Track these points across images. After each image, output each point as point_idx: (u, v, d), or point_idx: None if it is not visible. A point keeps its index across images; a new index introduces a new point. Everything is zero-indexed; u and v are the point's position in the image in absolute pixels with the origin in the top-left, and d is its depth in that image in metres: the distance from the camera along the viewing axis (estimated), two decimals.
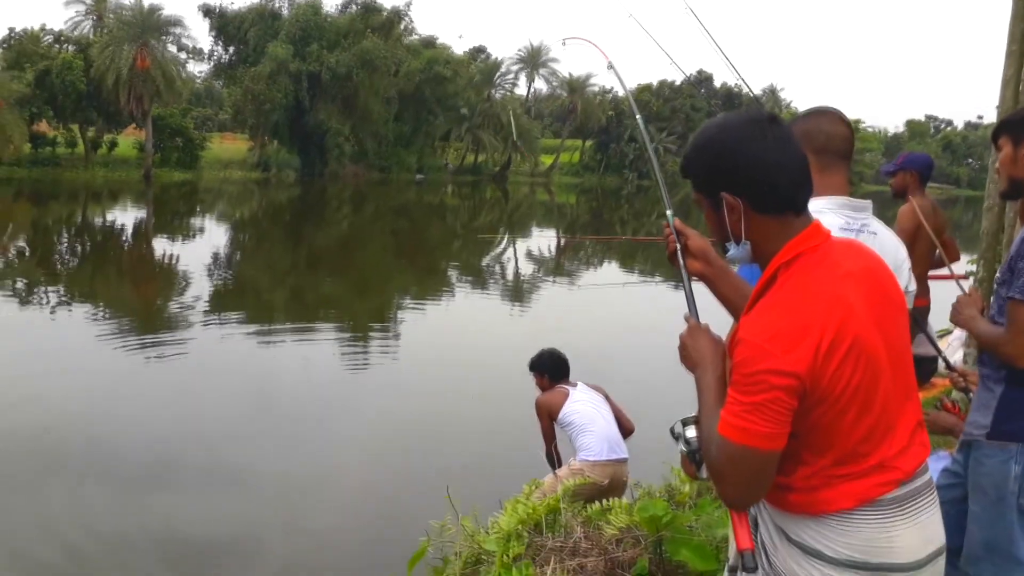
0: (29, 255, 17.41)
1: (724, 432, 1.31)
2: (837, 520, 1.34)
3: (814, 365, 1.27)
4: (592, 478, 4.06)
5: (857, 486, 1.34)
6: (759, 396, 1.27)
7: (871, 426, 1.34)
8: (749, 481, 1.32)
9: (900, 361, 1.39)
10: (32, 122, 35.51)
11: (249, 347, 9.78)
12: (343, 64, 42.19)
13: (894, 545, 1.34)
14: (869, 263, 1.43)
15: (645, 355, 8.70)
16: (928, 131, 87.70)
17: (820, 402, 1.30)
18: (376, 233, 25.35)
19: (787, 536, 1.40)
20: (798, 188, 1.39)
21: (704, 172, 1.43)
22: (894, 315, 1.41)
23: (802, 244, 1.38)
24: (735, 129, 1.40)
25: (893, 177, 4.31)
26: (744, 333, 1.32)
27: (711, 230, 1.49)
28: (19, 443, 6.15)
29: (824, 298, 1.32)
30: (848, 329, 1.30)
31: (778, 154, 1.37)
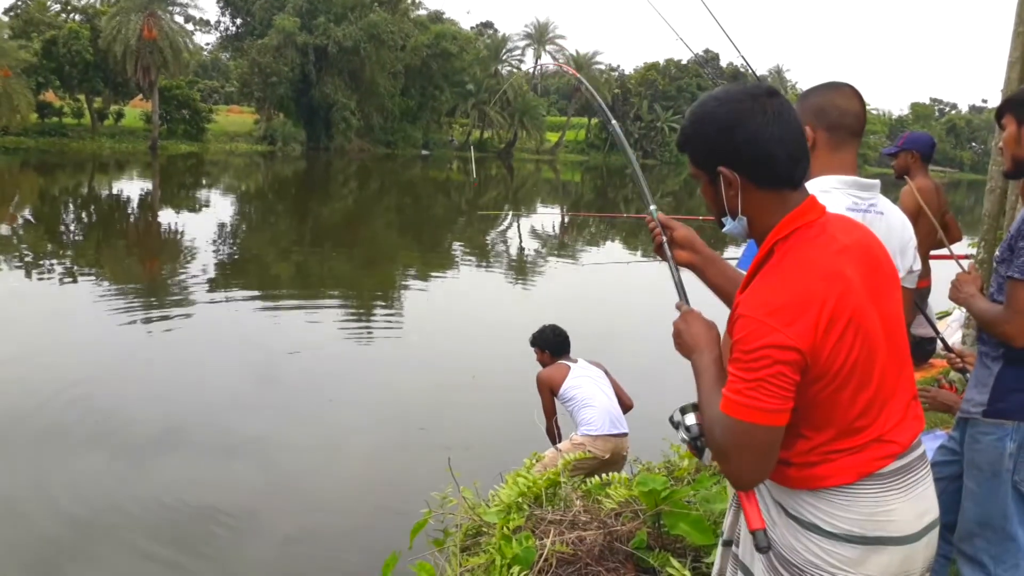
0: (36, 225, 17.47)
1: (728, 410, 1.29)
2: (836, 494, 1.34)
3: (815, 339, 1.26)
4: (594, 452, 4.14)
5: (856, 460, 1.34)
6: (762, 372, 1.26)
7: (869, 400, 1.34)
8: (755, 458, 1.31)
9: (894, 335, 1.39)
10: (39, 92, 35.58)
11: (254, 319, 9.87)
12: (350, 37, 42.04)
13: (892, 518, 1.35)
14: (862, 237, 1.42)
15: (645, 332, 8.74)
16: (932, 114, 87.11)
17: (820, 376, 1.29)
18: (381, 208, 25.40)
19: (785, 511, 1.40)
20: (796, 163, 1.37)
21: (702, 146, 1.41)
22: (888, 289, 1.41)
23: (799, 219, 1.37)
24: (734, 102, 1.37)
25: (895, 159, 4.29)
26: (743, 308, 1.31)
27: (708, 204, 1.47)
28: (25, 411, 6.19)
29: (823, 272, 1.31)
30: (846, 303, 1.30)
31: (777, 128, 1.34)
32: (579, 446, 4.16)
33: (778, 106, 1.36)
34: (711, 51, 62.62)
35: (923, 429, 1.44)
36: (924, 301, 4.19)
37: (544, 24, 59.63)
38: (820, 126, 1.98)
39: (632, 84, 62.54)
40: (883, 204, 2.03)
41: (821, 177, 1.96)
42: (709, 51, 62.16)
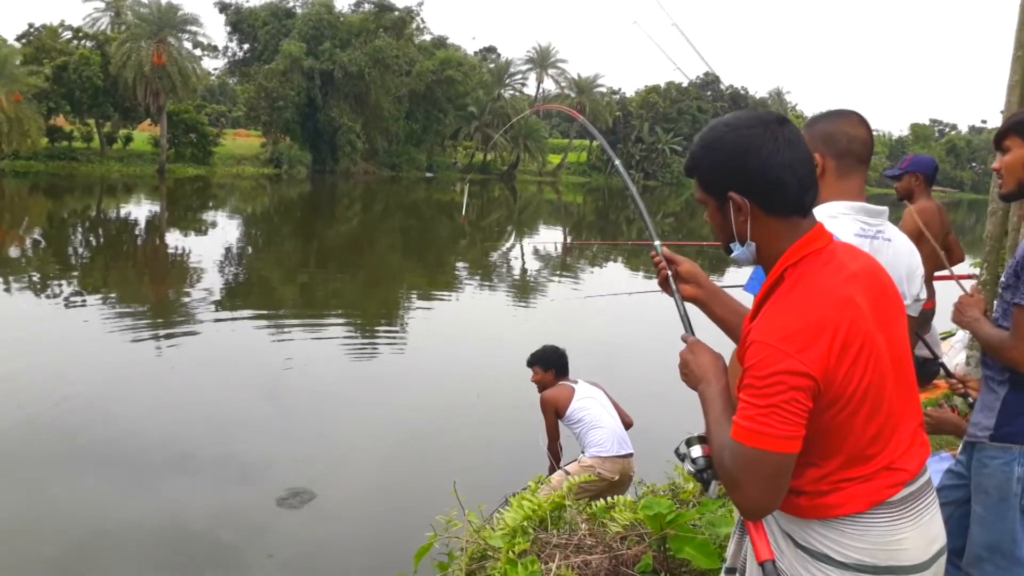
0: (45, 247, 17.66)
1: (738, 437, 1.28)
2: (848, 524, 1.33)
3: (828, 365, 1.26)
4: (603, 474, 4.14)
5: (867, 488, 1.33)
6: (776, 398, 1.24)
7: (879, 427, 1.33)
8: (766, 487, 1.28)
9: (902, 362, 1.39)
10: (49, 116, 36.02)
11: (260, 339, 9.98)
12: (355, 62, 42.60)
13: (903, 547, 1.34)
14: (868, 264, 1.43)
15: (649, 352, 8.85)
16: (932, 135, 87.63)
17: (833, 403, 1.28)
18: (386, 230, 25.60)
19: (795, 541, 1.38)
20: (806, 190, 1.37)
21: (712, 172, 1.41)
22: (894, 316, 1.41)
23: (808, 246, 1.36)
24: (745, 129, 1.37)
25: (898, 181, 4.27)
26: (756, 334, 1.30)
27: (715, 231, 1.47)
28: (33, 430, 6.27)
29: (835, 298, 1.31)
30: (858, 329, 1.30)
31: (788, 155, 1.35)
32: (589, 468, 4.14)
33: (788, 133, 1.37)
34: (711, 74, 63.29)
35: (929, 455, 1.44)
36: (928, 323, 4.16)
37: (546, 48, 60.42)
38: (829, 153, 1.98)
39: (633, 106, 63.06)
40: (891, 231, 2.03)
41: (829, 203, 1.96)
42: (709, 74, 62.81)
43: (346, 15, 46.76)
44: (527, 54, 61.27)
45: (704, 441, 1.43)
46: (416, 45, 48.91)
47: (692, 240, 25.28)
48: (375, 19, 45.38)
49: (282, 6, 47.27)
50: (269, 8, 46.66)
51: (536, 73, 61.59)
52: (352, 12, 47.61)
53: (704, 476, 1.42)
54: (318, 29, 43.97)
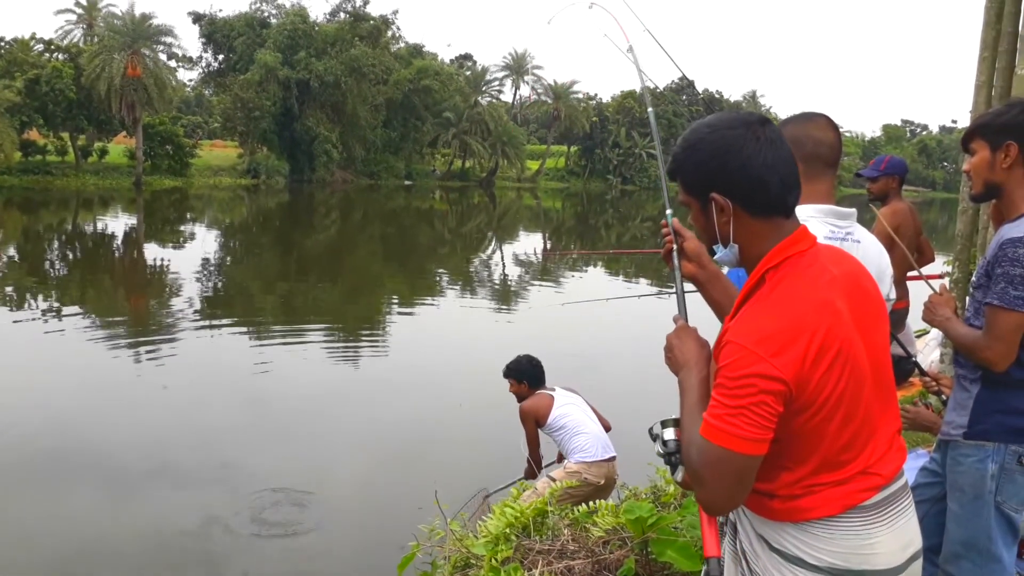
0: (20, 262, 17.47)
1: (706, 434, 1.28)
2: (820, 527, 1.33)
3: (801, 371, 1.25)
4: (589, 478, 4.16)
5: (840, 492, 1.33)
6: (745, 400, 1.24)
7: (854, 433, 1.32)
8: (729, 486, 1.29)
9: (880, 367, 1.38)
10: (22, 130, 35.62)
11: (240, 351, 9.97)
12: (331, 72, 42.57)
13: (876, 551, 1.34)
14: (852, 268, 1.41)
15: (628, 357, 9.00)
16: (904, 135, 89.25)
17: (805, 408, 1.28)
18: (365, 239, 25.61)
19: (768, 544, 1.38)
20: (788, 190, 1.37)
21: (695, 173, 1.40)
22: (875, 321, 1.40)
23: (790, 248, 1.36)
24: (726, 129, 1.36)
25: (875, 183, 4.31)
26: (732, 335, 1.30)
27: (699, 232, 1.47)
28: (15, 446, 6.27)
29: (813, 303, 1.30)
30: (835, 335, 1.29)
31: (770, 155, 1.34)
32: (575, 474, 4.15)
33: (770, 133, 1.36)
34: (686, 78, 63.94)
35: (905, 460, 1.44)
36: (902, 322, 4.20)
37: (522, 55, 60.84)
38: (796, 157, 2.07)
39: (610, 112, 63.55)
40: (859, 232, 2.05)
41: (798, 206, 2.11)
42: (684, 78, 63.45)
43: (321, 24, 46.71)
44: (503, 61, 61.83)
45: (679, 425, 1.43)
46: (392, 54, 48.97)
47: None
48: (350, 28, 45.38)
49: (256, 16, 47.12)
50: (243, 18, 46.49)
51: (512, 80, 62.00)
52: (327, 21, 47.58)
53: (672, 459, 1.44)
54: (293, 39, 43.89)
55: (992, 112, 2.18)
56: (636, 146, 61.84)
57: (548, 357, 5.02)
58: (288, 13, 45.99)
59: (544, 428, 4.50)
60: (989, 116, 2.14)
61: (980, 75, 4.39)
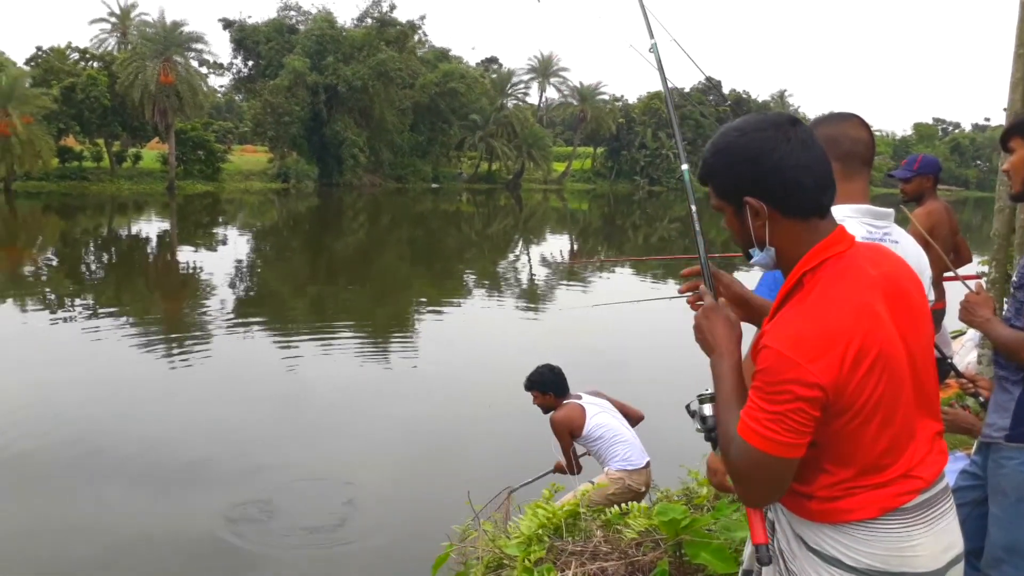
0: (58, 266, 17.90)
1: (745, 436, 1.29)
2: (858, 529, 1.32)
3: (839, 376, 1.25)
4: (632, 486, 4.12)
5: (879, 495, 1.32)
6: (782, 406, 1.25)
7: (893, 436, 1.32)
8: (769, 485, 1.32)
9: (923, 370, 1.37)
10: (59, 137, 36.45)
11: (272, 352, 10.12)
12: (359, 76, 42.95)
13: (916, 553, 1.32)
14: (895, 269, 1.40)
15: (658, 359, 8.88)
16: (936, 134, 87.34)
17: (843, 412, 1.28)
18: (393, 241, 25.78)
19: (806, 544, 1.37)
20: (823, 191, 1.35)
21: (727, 177, 1.38)
22: (918, 323, 1.38)
23: (828, 249, 1.34)
24: (755, 132, 1.35)
25: (908, 183, 4.23)
26: (768, 339, 1.29)
27: (734, 236, 1.44)
28: (49, 446, 6.42)
29: (851, 307, 1.29)
30: (874, 339, 1.28)
31: (803, 156, 1.33)
32: (617, 480, 4.12)
33: (801, 134, 1.35)
34: (713, 79, 63.49)
35: (947, 463, 1.42)
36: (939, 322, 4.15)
37: (548, 58, 60.77)
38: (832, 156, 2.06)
39: (636, 113, 63.25)
40: (897, 232, 2.02)
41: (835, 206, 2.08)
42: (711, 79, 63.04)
43: (349, 30, 47.16)
44: (529, 63, 61.70)
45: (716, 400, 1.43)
46: (419, 58, 49.28)
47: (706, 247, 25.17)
48: (377, 33, 45.76)
49: (285, 22, 47.74)
50: (272, 24, 47.12)
51: (538, 82, 61.98)
52: (355, 27, 48.02)
53: (713, 436, 1.43)
54: (321, 44, 44.37)
55: None
56: (663, 147, 61.45)
57: (576, 358, 4.97)
58: (316, 19, 46.50)
59: (580, 439, 4.41)
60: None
61: (1016, 72, 4.30)
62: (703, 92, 50.55)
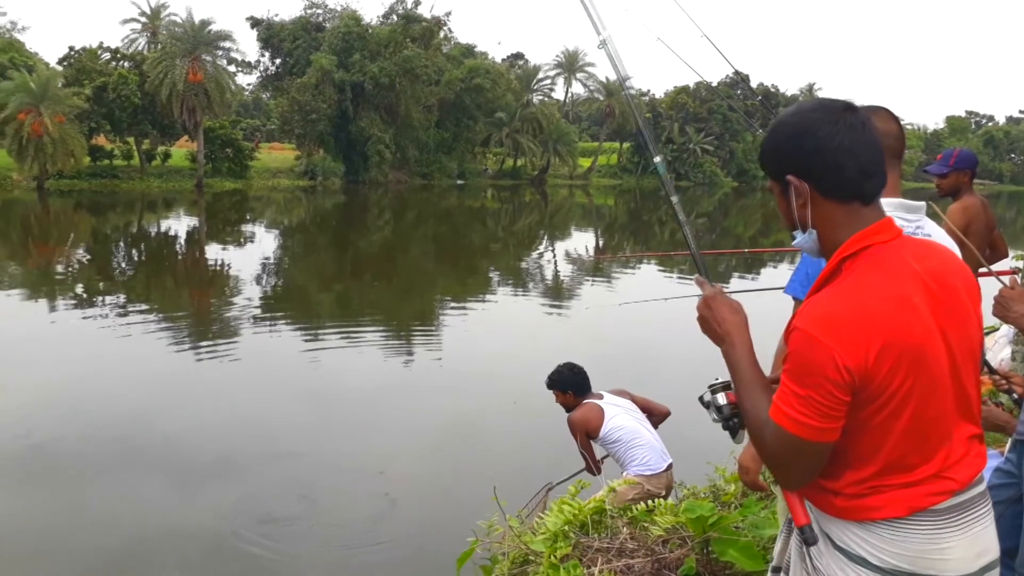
0: (89, 263, 18.21)
1: (779, 421, 1.29)
2: (885, 528, 1.30)
3: (866, 363, 1.24)
4: (651, 490, 4.05)
5: (909, 494, 1.30)
6: (812, 389, 1.25)
7: (924, 434, 1.30)
8: (805, 467, 1.32)
9: (963, 370, 1.34)
10: (91, 136, 37.00)
11: (299, 347, 10.18)
12: (385, 73, 43.08)
13: (946, 556, 1.30)
14: (942, 266, 1.37)
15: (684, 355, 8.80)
16: (969, 127, 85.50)
17: (870, 401, 1.27)
18: (419, 238, 25.85)
19: (832, 541, 1.36)
20: (867, 177, 1.34)
21: (773, 154, 1.41)
22: (963, 322, 1.35)
23: (870, 237, 1.33)
24: (807, 113, 1.37)
25: (944, 178, 4.13)
26: (799, 321, 1.29)
27: (782, 218, 1.46)
28: (85, 437, 6.52)
29: (886, 296, 1.28)
30: (908, 331, 1.27)
31: (847, 139, 1.33)
32: (636, 486, 4.07)
33: (852, 119, 1.35)
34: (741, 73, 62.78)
35: (984, 467, 1.39)
36: None
37: (574, 53, 60.38)
38: None
39: (663, 108, 62.68)
40: (929, 226, 2.02)
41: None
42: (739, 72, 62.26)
43: (375, 27, 47.33)
44: (555, 59, 61.42)
45: (728, 388, 1.45)
46: (444, 54, 49.28)
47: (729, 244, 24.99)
48: (403, 30, 45.85)
49: (312, 20, 48.02)
50: (299, 22, 47.43)
51: (564, 77, 61.64)
52: (380, 24, 48.18)
53: (731, 424, 1.46)
54: (347, 42, 44.55)
55: None
56: (690, 141, 60.84)
57: (602, 352, 4.92)
58: (342, 17, 46.70)
59: (597, 440, 4.34)
60: None
61: None
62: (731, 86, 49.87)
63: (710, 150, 61.38)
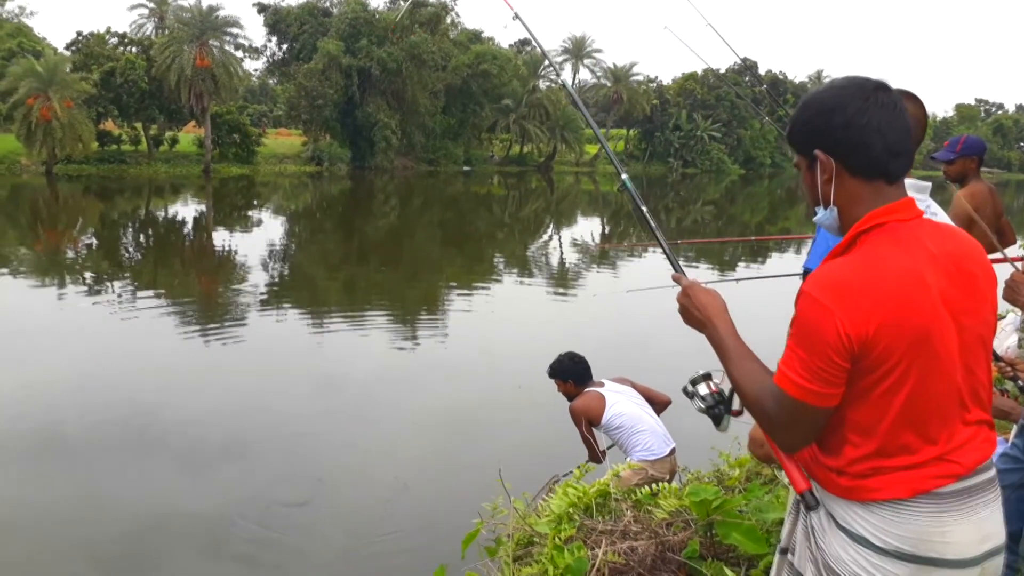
0: (98, 248, 18.30)
1: (783, 385, 1.31)
2: (888, 509, 1.31)
3: (867, 332, 1.25)
4: (655, 475, 4.06)
5: (912, 475, 1.30)
6: (815, 356, 1.27)
7: (926, 414, 1.30)
8: (805, 431, 1.34)
9: (974, 354, 1.35)
10: (99, 121, 37.05)
11: (305, 332, 10.27)
12: (392, 59, 42.91)
13: (947, 540, 1.30)
14: (958, 249, 1.37)
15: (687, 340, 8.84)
16: (978, 115, 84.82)
17: (870, 371, 1.27)
18: (425, 223, 25.85)
19: (836, 521, 1.37)
20: (894, 156, 1.35)
21: (802, 128, 1.42)
22: (977, 308, 1.35)
23: (889, 214, 1.34)
24: (838, 89, 1.38)
25: (951, 165, 4.17)
26: (806, 286, 1.30)
27: (806, 193, 1.47)
28: (88, 426, 6.55)
29: (898, 271, 1.28)
30: (915, 308, 1.27)
31: (876, 117, 1.34)
32: (640, 472, 4.08)
33: (884, 98, 1.36)
34: (749, 60, 62.20)
35: (993, 453, 1.39)
36: None
37: (581, 39, 60.06)
38: None
39: (671, 94, 62.30)
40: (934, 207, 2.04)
41: None
42: (747, 59, 61.76)
43: (382, 12, 47.08)
44: (562, 45, 61.02)
45: (708, 379, 1.52)
46: (451, 40, 49.02)
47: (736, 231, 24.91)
48: (409, 15, 45.58)
49: (319, 5, 47.80)
50: (306, 8, 47.21)
51: (572, 63, 61.26)
52: (387, 8, 47.93)
53: (715, 411, 1.51)
54: (355, 27, 44.36)
55: None
56: (698, 128, 60.49)
57: (606, 340, 4.94)
58: (349, 2, 46.46)
59: (599, 428, 4.37)
60: None
61: None
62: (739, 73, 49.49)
63: (717, 137, 61.04)
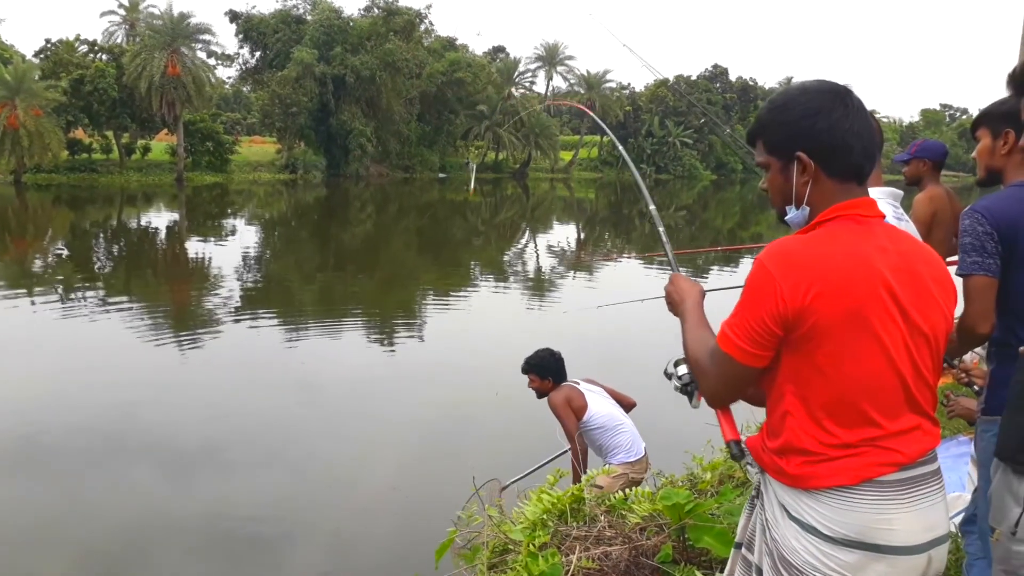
0: (69, 258, 18.07)
1: (719, 341, 1.41)
2: (834, 497, 1.35)
3: (803, 302, 1.30)
4: (635, 477, 4.10)
5: (855, 463, 1.34)
6: (750, 316, 1.34)
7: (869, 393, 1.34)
8: (725, 386, 1.43)
9: (920, 351, 1.38)
10: (68, 129, 36.55)
11: (280, 341, 10.25)
12: (366, 66, 42.86)
13: (892, 527, 1.34)
14: (911, 249, 1.43)
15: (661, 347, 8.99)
16: (943, 119, 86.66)
17: (806, 339, 1.32)
18: (400, 231, 25.85)
19: (788, 512, 1.40)
20: (867, 159, 1.42)
21: (782, 131, 1.44)
22: (928, 309, 1.39)
23: (849, 208, 1.40)
24: (818, 94, 1.43)
25: (907, 166, 4.24)
26: (761, 255, 1.37)
27: (773, 194, 1.51)
28: (63, 435, 6.55)
29: (847, 252, 1.34)
30: (857, 288, 1.32)
31: (855, 122, 1.40)
32: (620, 477, 4.04)
33: (856, 103, 1.43)
34: (720, 66, 63.14)
35: (935, 447, 1.43)
36: None
37: (554, 46, 60.40)
38: None
39: (643, 101, 62.92)
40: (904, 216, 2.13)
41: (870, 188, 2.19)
42: (718, 66, 62.66)
43: (356, 20, 47.02)
44: (535, 52, 61.47)
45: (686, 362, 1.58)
46: (425, 47, 49.11)
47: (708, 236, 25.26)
48: (384, 23, 45.61)
49: (292, 13, 47.60)
50: (279, 16, 46.98)
51: (545, 71, 61.61)
52: (361, 17, 47.88)
53: (688, 389, 1.62)
54: (329, 34, 44.25)
55: (997, 101, 2.23)
56: (670, 135, 61.18)
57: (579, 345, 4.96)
58: (322, 9, 46.33)
59: (581, 424, 4.36)
60: (993, 105, 2.24)
61: (1022, 55, 4.28)
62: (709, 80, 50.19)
63: (689, 143, 61.79)
